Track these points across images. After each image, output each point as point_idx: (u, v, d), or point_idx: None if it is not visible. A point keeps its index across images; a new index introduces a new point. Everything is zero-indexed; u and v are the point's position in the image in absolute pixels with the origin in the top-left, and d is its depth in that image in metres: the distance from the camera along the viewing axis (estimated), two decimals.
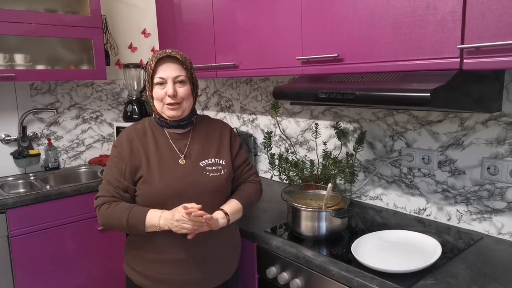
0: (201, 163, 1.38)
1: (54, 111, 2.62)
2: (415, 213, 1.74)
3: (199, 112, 2.84)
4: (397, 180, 1.78)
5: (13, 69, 2.34)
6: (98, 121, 2.91)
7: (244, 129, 2.56)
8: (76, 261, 2.29)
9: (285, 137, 2.28)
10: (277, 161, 1.93)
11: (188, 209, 1.21)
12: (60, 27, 2.38)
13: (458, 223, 1.60)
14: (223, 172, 1.39)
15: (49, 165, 2.64)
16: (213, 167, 1.38)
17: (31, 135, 2.60)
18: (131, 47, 3.01)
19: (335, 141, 1.99)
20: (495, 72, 1.36)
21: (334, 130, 1.89)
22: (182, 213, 1.23)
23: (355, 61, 1.43)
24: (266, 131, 2.40)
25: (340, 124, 1.89)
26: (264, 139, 1.94)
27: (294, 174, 1.88)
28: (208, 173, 1.37)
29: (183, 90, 1.34)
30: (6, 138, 2.51)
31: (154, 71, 1.33)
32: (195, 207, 1.22)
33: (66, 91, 2.73)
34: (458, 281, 1.17)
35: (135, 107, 2.82)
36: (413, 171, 1.72)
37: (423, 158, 1.66)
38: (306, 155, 2.16)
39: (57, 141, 2.72)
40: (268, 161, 1.95)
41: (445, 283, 1.17)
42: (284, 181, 1.90)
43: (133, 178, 1.34)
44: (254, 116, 2.48)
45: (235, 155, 1.47)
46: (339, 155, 1.90)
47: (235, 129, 2.47)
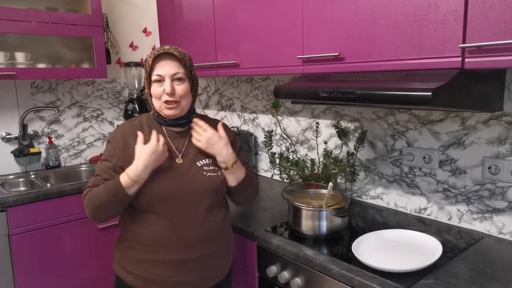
0: (198, 163, 1.36)
1: (55, 109, 2.62)
2: (415, 212, 1.74)
3: (200, 111, 2.84)
4: (398, 179, 1.78)
5: (14, 67, 2.33)
6: (99, 120, 2.91)
7: (245, 128, 2.56)
8: (76, 259, 2.29)
9: (285, 136, 2.28)
10: (277, 160, 1.93)
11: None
12: (61, 25, 2.38)
13: (459, 223, 1.60)
14: (219, 173, 1.37)
15: (50, 163, 2.64)
16: (210, 167, 1.36)
17: (32, 133, 2.60)
18: (132, 45, 3.00)
19: (335, 140, 1.99)
20: (497, 71, 1.36)
21: (335, 129, 1.89)
22: (150, 145, 1.26)
23: (356, 60, 1.43)
24: (266, 130, 2.40)
25: (341, 123, 1.89)
26: (265, 138, 1.94)
27: (294, 173, 1.88)
28: (205, 173, 1.34)
29: (181, 87, 1.31)
30: (7, 136, 2.52)
31: (151, 68, 1.30)
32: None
33: (67, 89, 2.73)
34: (458, 281, 1.17)
35: (136, 105, 2.81)
36: (414, 171, 1.71)
37: (424, 157, 1.66)
38: (306, 154, 2.16)
39: (58, 139, 2.72)
40: (268, 160, 1.95)
41: (445, 282, 1.17)
42: (284, 180, 1.91)
43: None
44: (255, 115, 2.48)
45: None
46: (339, 154, 1.90)
47: (235, 128, 2.49)
